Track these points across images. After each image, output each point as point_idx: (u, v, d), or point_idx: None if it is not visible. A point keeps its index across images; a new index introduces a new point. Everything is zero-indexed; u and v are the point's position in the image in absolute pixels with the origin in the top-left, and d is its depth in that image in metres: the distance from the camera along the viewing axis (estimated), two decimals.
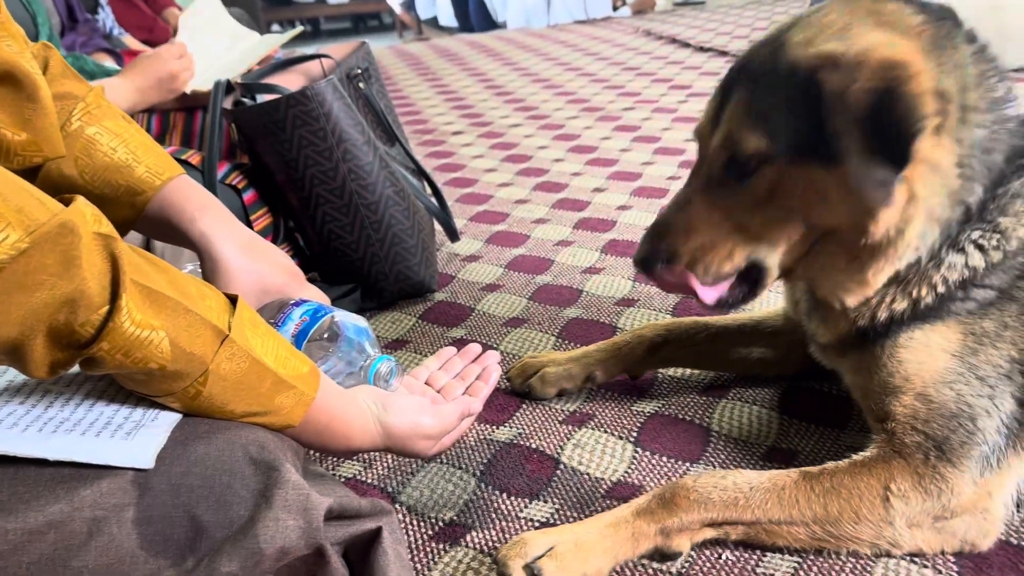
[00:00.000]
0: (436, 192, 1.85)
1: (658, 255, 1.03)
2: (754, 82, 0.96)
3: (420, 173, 1.84)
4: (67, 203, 0.70)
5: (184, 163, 1.58)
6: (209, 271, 1.00)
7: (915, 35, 0.92)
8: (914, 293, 1.01)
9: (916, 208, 0.94)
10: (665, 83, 3.91)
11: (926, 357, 1.00)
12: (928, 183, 0.93)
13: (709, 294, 1.03)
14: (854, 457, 1.00)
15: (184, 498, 0.75)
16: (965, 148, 0.94)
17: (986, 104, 0.95)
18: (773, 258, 1.02)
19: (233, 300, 0.83)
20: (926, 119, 0.87)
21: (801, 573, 0.97)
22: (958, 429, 0.96)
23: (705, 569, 0.99)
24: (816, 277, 1.05)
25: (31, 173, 0.93)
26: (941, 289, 0.99)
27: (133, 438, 0.76)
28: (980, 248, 0.98)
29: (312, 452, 1.16)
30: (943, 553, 0.97)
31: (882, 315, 1.03)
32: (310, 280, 1.77)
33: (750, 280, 1.04)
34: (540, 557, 0.95)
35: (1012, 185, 0.98)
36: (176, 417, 0.80)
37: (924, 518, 0.96)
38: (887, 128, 0.86)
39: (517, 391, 1.41)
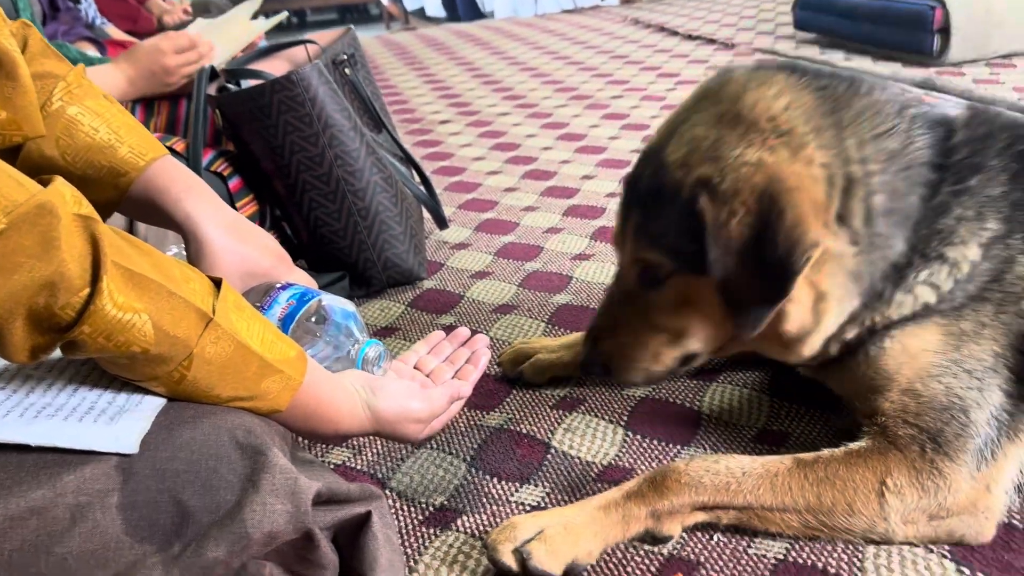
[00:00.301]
0: (424, 179, 1.83)
1: (596, 360, 1.11)
2: (644, 205, 1.01)
3: (408, 160, 1.82)
4: (46, 184, 0.68)
5: (168, 149, 1.56)
6: (194, 253, 0.98)
7: (785, 132, 0.93)
8: (872, 320, 1.02)
9: (824, 302, 0.98)
10: (653, 71, 3.90)
11: (907, 357, 0.99)
12: (828, 274, 0.96)
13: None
14: (849, 446, 0.99)
15: (169, 483, 0.74)
16: (864, 220, 0.96)
17: (882, 162, 0.96)
18: (704, 346, 1.07)
19: (217, 283, 0.82)
20: (809, 249, 0.90)
21: (793, 554, 0.97)
22: (951, 421, 0.95)
23: (696, 550, 0.99)
24: (756, 347, 1.09)
25: (11, 154, 0.91)
26: (896, 319, 1.01)
27: (117, 423, 0.75)
28: (932, 285, 0.99)
29: (301, 440, 1.15)
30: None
31: (850, 336, 1.03)
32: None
33: (684, 363, 1.09)
34: (529, 540, 0.94)
35: (953, 212, 0.98)
36: (161, 402, 0.79)
37: (919, 515, 0.95)
38: (769, 262, 0.90)
39: (509, 377, 1.40)
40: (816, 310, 0.98)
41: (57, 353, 0.75)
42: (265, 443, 0.78)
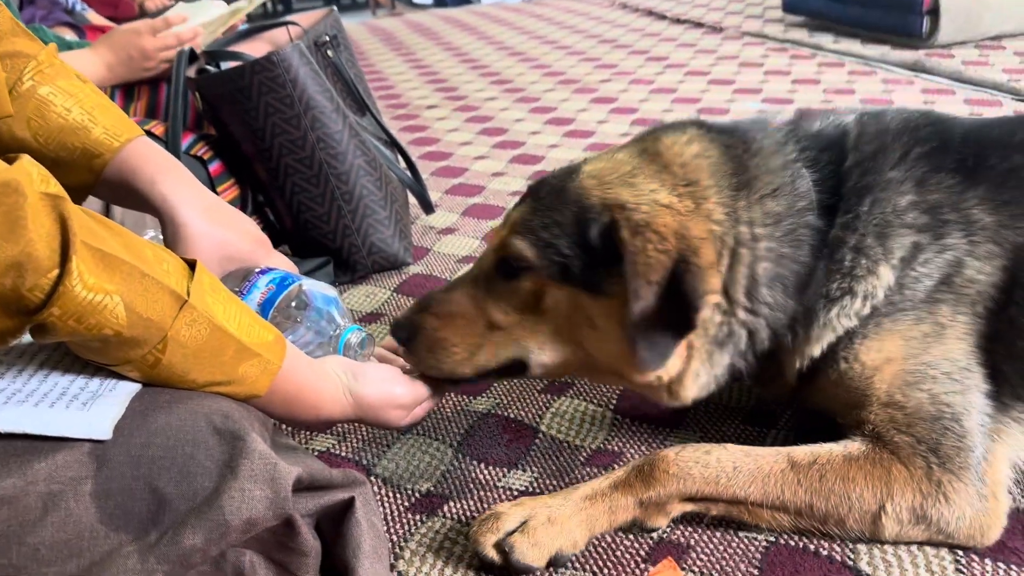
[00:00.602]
0: (410, 164, 1.81)
1: (409, 325, 1.04)
2: (540, 199, 1.01)
3: (392, 144, 1.80)
4: (11, 163, 0.66)
5: (147, 133, 1.52)
6: (170, 236, 0.96)
7: (693, 182, 0.96)
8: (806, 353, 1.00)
9: (693, 360, 0.98)
10: (642, 55, 3.87)
11: (873, 371, 0.96)
12: (696, 336, 0.96)
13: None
14: (847, 449, 0.94)
15: (145, 470, 0.72)
16: (746, 289, 0.96)
17: (768, 225, 0.96)
18: (537, 358, 1.02)
19: (192, 265, 0.80)
20: (708, 294, 0.92)
21: (784, 538, 0.96)
22: (947, 432, 0.91)
23: (686, 534, 0.98)
24: (635, 388, 1.06)
25: None
26: (826, 348, 0.98)
27: (90, 409, 0.73)
28: (848, 316, 0.97)
29: (284, 427, 1.13)
30: None
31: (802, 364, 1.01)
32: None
33: (510, 372, 1.04)
34: (512, 533, 0.93)
35: (848, 244, 0.97)
36: (135, 387, 0.77)
37: (916, 534, 0.92)
38: (677, 298, 0.89)
39: None
40: (687, 367, 0.98)
41: (27, 337, 0.73)
42: (243, 428, 0.76)
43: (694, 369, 0.99)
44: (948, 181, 0.98)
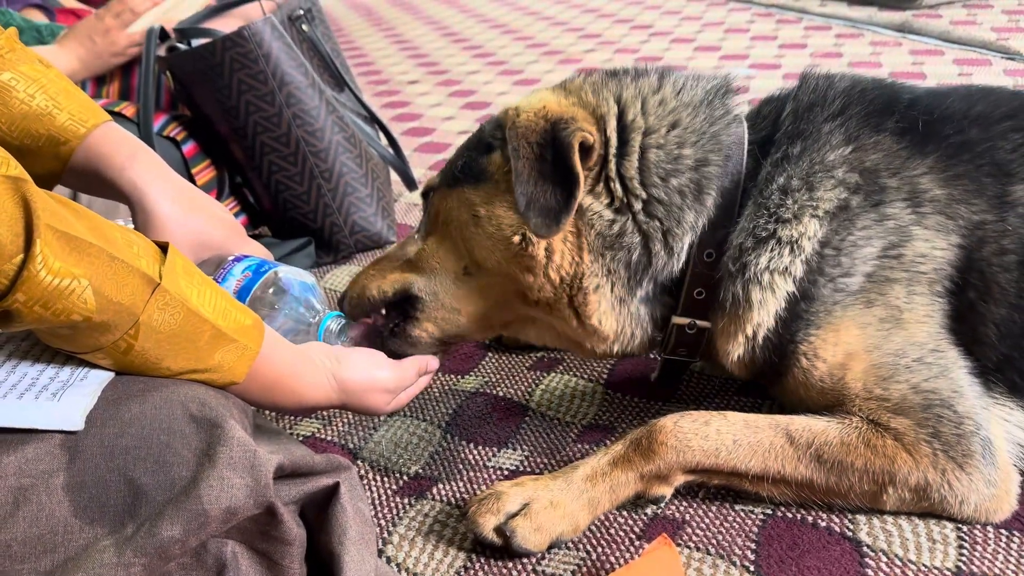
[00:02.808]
0: (391, 139, 1.77)
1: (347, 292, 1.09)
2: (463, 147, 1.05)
3: (373, 120, 1.76)
4: None
5: (118, 116, 1.49)
6: (141, 224, 0.93)
7: (575, 90, 0.99)
8: (744, 332, 0.95)
9: (583, 254, 0.95)
10: (626, 23, 3.82)
11: (842, 370, 0.92)
12: (586, 235, 0.94)
13: (352, 330, 1.03)
14: (841, 433, 0.90)
15: (119, 460, 0.69)
16: (640, 177, 0.94)
17: (666, 126, 0.96)
18: (430, 286, 1.01)
19: (164, 248, 0.76)
20: (583, 139, 0.91)
21: (781, 510, 0.94)
22: (943, 420, 0.88)
23: (681, 509, 0.96)
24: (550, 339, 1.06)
25: None
26: (771, 322, 0.94)
27: (60, 399, 0.70)
28: (782, 273, 0.92)
29: (267, 412, 1.10)
30: None
31: (740, 353, 0.97)
32: (259, 236, 1.71)
33: (399, 302, 1.03)
34: (513, 516, 0.91)
35: (775, 182, 0.93)
36: (107, 375, 0.74)
37: (920, 511, 0.91)
38: (555, 152, 0.90)
39: (486, 343, 1.36)
40: (585, 274, 0.95)
41: None
42: (221, 415, 0.73)
43: (593, 278, 0.95)
44: (889, 144, 0.94)
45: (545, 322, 1.02)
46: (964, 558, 0.86)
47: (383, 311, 1.04)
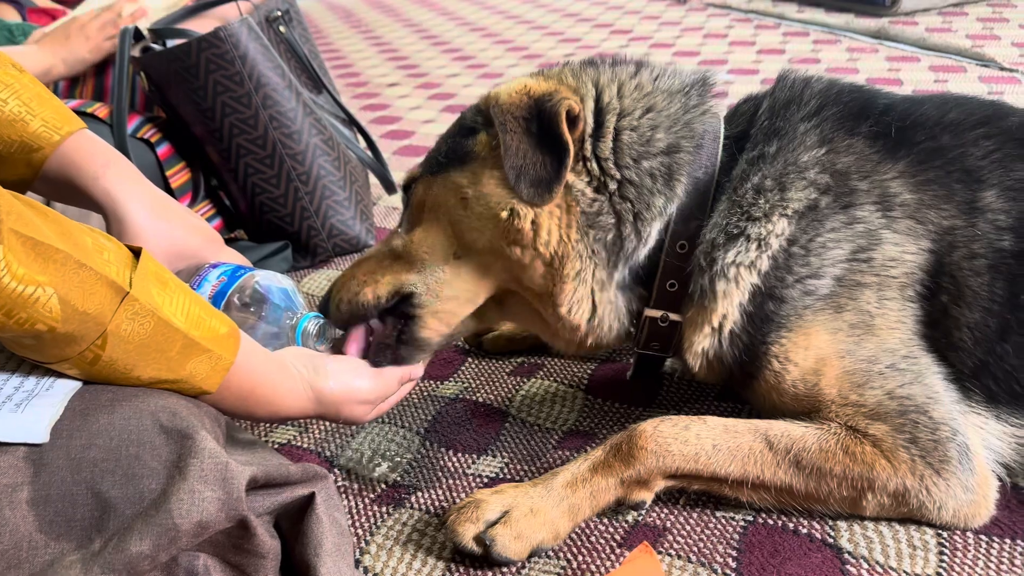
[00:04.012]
0: (370, 143, 1.75)
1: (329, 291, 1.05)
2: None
3: (351, 122, 1.74)
4: None
5: (90, 117, 1.46)
6: (115, 234, 0.91)
7: (556, 76, 1.00)
8: (711, 323, 0.95)
9: (567, 215, 0.94)
10: (606, 28, 3.82)
11: (815, 376, 0.92)
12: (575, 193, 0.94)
13: (352, 347, 0.98)
14: (819, 440, 0.89)
15: (87, 473, 0.68)
16: (614, 157, 0.94)
17: (641, 108, 0.96)
18: (422, 278, 0.98)
19: (137, 253, 0.74)
20: (570, 110, 0.92)
21: (762, 517, 0.94)
22: (919, 426, 0.88)
23: (662, 516, 0.95)
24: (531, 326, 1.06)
25: None
26: (736, 315, 0.94)
27: (24, 410, 0.69)
28: (748, 267, 0.92)
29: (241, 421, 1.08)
30: None
31: (706, 346, 0.97)
32: (235, 239, 1.69)
33: (397, 304, 1.00)
34: (493, 524, 0.89)
35: (750, 181, 0.94)
36: (75, 385, 0.72)
37: (899, 517, 0.91)
38: (542, 124, 0.92)
39: (469, 348, 1.34)
40: (558, 221, 0.94)
41: None
42: (192, 426, 0.72)
43: (576, 260, 0.94)
44: (862, 148, 0.95)
45: (533, 309, 1.01)
46: (945, 564, 0.86)
47: (379, 320, 1.00)
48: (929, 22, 3.24)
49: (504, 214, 0.93)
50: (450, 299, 0.98)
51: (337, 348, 0.98)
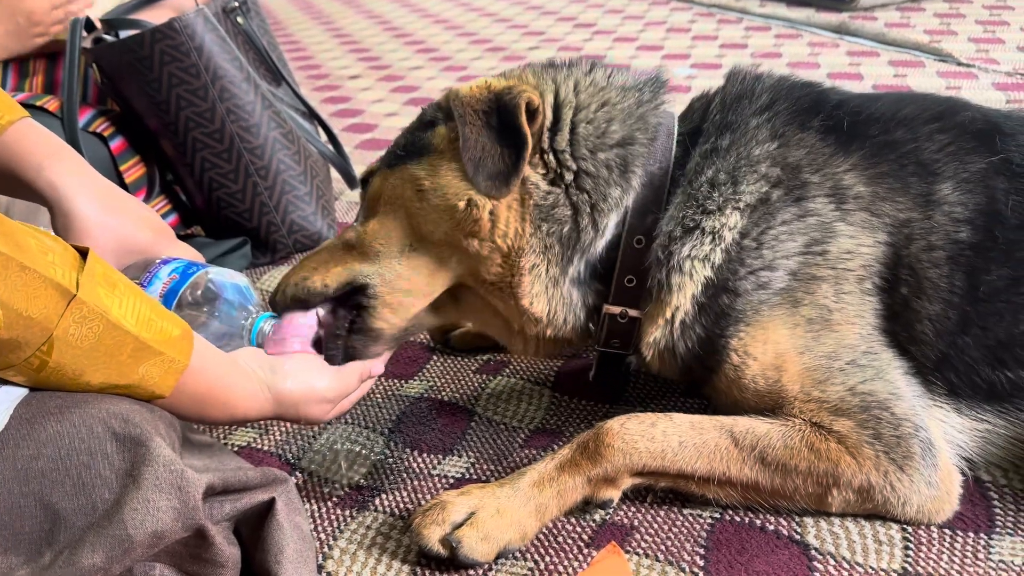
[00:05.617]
0: (331, 136, 1.72)
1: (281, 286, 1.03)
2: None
3: (312, 115, 1.70)
4: None
5: (40, 110, 1.41)
6: (61, 228, 0.87)
7: (516, 77, 1.00)
8: (665, 316, 0.95)
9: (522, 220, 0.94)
10: (569, 21, 3.81)
11: (776, 372, 0.92)
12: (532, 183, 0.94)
13: (287, 329, 0.95)
14: (784, 437, 0.89)
15: (35, 484, 0.65)
16: (570, 149, 0.94)
17: (596, 103, 0.97)
18: (376, 270, 0.96)
19: (84, 253, 0.72)
20: (529, 104, 0.92)
21: (729, 514, 0.94)
22: (881, 423, 0.88)
23: (630, 515, 0.95)
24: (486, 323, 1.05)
25: None
26: (688, 306, 0.94)
27: None
28: (702, 260, 0.93)
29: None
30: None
31: (657, 338, 0.97)
32: (192, 235, 1.65)
33: (349, 294, 0.98)
34: (460, 526, 0.88)
35: (704, 175, 0.94)
36: (21, 392, 0.70)
37: (865, 513, 0.91)
38: (501, 119, 0.91)
39: (435, 345, 1.33)
40: (513, 214, 0.94)
41: None
42: (146, 432, 0.69)
43: (531, 255, 0.94)
44: (813, 142, 0.95)
45: (490, 307, 1.00)
46: (910, 559, 0.87)
47: (331, 311, 0.98)
48: (888, 17, 3.28)
49: (462, 204, 0.92)
50: (405, 291, 0.97)
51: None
